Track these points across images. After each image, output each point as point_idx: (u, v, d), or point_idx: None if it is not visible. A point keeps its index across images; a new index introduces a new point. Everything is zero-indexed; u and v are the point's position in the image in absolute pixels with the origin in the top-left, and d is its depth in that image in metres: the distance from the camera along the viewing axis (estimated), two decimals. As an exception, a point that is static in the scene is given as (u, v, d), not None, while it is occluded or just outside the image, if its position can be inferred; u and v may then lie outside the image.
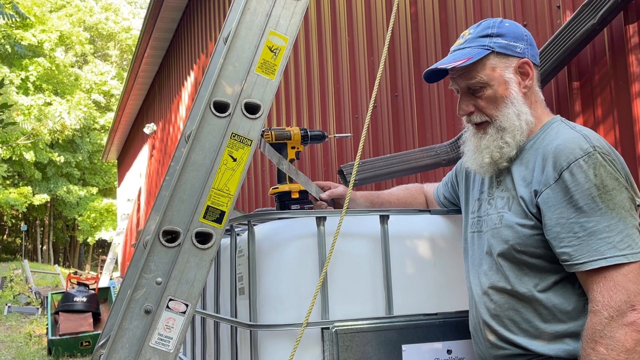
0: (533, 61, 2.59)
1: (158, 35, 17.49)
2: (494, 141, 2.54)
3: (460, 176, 3.05)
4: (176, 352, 2.41)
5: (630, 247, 2.18)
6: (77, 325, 13.20)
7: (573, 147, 2.29)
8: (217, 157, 2.46)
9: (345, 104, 7.05)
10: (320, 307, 2.86)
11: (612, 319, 2.11)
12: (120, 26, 49.83)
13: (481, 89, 2.55)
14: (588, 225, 2.21)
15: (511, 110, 2.52)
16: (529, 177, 2.44)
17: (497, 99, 2.54)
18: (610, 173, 2.24)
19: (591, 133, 2.37)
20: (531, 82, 2.58)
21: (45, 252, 50.97)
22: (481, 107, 2.57)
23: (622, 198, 2.23)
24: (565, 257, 2.27)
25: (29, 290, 23.56)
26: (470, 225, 2.78)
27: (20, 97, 35.26)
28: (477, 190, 2.80)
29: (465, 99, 2.62)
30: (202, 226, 2.44)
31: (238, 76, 2.53)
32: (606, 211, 2.20)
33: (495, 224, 2.55)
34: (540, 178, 2.36)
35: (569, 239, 2.24)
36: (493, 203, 2.61)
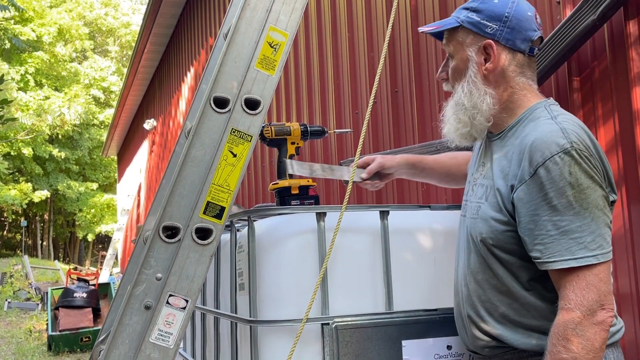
0: (507, 44, 2.46)
1: (158, 30, 17.49)
2: (453, 114, 2.55)
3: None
4: (176, 348, 2.41)
5: (601, 247, 2.17)
6: (77, 321, 13.21)
7: (549, 142, 2.22)
8: (217, 152, 2.46)
9: (345, 99, 7.05)
10: (320, 303, 2.86)
11: (584, 318, 2.12)
12: (119, 22, 49.80)
13: (450, 59, 2.58)
14: (561, 224, 2.19)
15: (463, 88, 2.50)
16: (506, 168, 2.38)
17: (458, 73, 2.54)
18: (586, 171, 2.19)
19: (571, 125, 2.29)
20: (493, 66, 2.47)
21: (45, 248, 51.00)
22: (449, 76, 2.60)
23: (596, 196, 2.19)
24: (537, 255, 2.25)
25: (29, 286, 23.59)
26: (462, 208, 2.73)
27: (19, 94, 35.23)
28: (470, 170, 2.76)
29: (444, 64, 2.65)
30: (202, 222, 2.44)
31: (238, 72, 2.52)
32: (579, 210, 2.18)
33: (473, 214, 2.52)
34: (516, 172, 2.31)
35: (541, 237, 2.22)
36: (475, 190, 2.57)
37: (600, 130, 3.67)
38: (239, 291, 3.16)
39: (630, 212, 3.50)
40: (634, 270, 3.46)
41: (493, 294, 2.44)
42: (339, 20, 7.30)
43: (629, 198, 3.50)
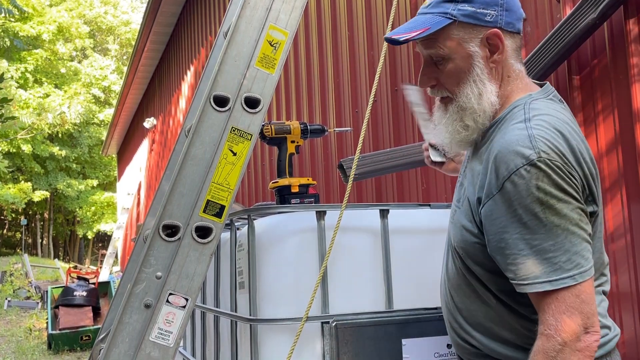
0: (509, 29, 2.24)
1: (158, 29, 17.48)
2: (453, 122, 2.28)
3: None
4: (176, 347, 2.41)
5: (579, 265, 1.95)
6: (77, 320, 13.21)
7: (515, 153, 1.99)
8: (217, 151, 2.46)
9: (345, 98, 7.05)
10: (320, 301, 2.86)
11: (565, 345, 1.91)
12: (119, 20, 49.79)
13: (442, 62, 2.25)
14: (533, 243, 1.97)
15: (472, 90, 2.23)
16: (476, 176, 2.18)
17: (459, 75, 2.24)
18: (556, 183, 1.96)
19: (543, 130, 2.03)
20: (501, 56, 2.24)
21: (45, 247, 50.99)
22: (442, 81, 2.28)
23: (568, 211, 1.97)
24: (511, 276, 2.04)
25: (28, 284, 23.59)
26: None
27: (19, 91, 35.21)
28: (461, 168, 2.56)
29: (428, 69, 2.32)
30: (202, 220, 2.44)
31: (238, 70, 2.53)
32: (551, 227, 1.96)
33: (451, 217, 2.36)
34: (484, 183, 2.10)
35: (513, 256, 2.00)
36: (456, 191, 2.40)
37: (600, 128, 3.67)
38: (239, 290, 3.16)
39: (630, 211, 3.50)
40: (634, 269, 3.46)
41: (468, 302, 2.29)
42: (339, 18, 7.30)
43: (629, 197, 3.51)
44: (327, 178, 7.37)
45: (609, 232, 3.61)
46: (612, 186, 3.60)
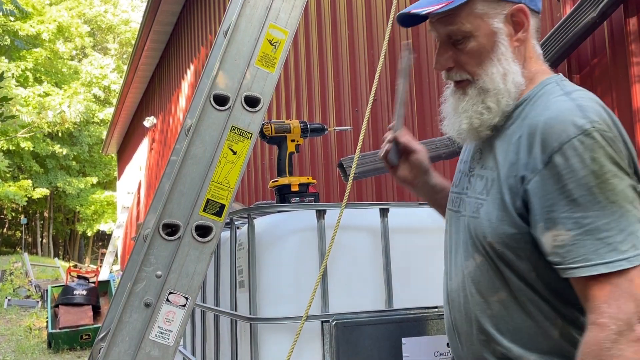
0: (532, 7, 2.09)
1: (158, 28, 17.47)
2: (473, 105, 2.08)
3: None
4: (176, 346, 2.41)
5: (635, 247, 1.75)
6: (77, 319, 13.20)
7: (565, 123, 1.83)
8: (217, 150, 2.46)
9: (345, 97, 7.05)
10: (320, 300, 2.86)
11: (621, 334, 1.70)
12: (119, 19, 49.78)
13: (463, 40, 2.07)
14: (584, 222, 1.77)
15: (497, 69, 2.05)
16: (513, 156, 1.97)
17: (482, 54, 2.06)
18: (611, 156, 1.79)
19: (589, 102, 1.90)
20: (526, 34, 2.08)
21: (45, 245, 50.98)
22: (462, 62, 2.10)
23: (624, 187, 1.79)
24: (557, 260, 1.83)
25: (28, 283, 23.57)
26: (450, 201, 2.30)
27: (19, 89, 35.19)
28: (462, 157, 2.34)
29: (445, 50, 2.13)
30: (202, 219, 2.44)
31: (238, 69, 2.52)
32: (606, 204, 1.76)
33: (473, 212, 2.09)
34: (526, 160, 1.91)
35: (560, 238, 1.81)
36: (472, 182, 2.15)
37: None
38: (239, 289, 3.16)
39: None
40: (633, 268, 3.46)
41: (501, 308, 2.01)
42: (339, 18, 7.30)
43: (629, 195, 3.50)
44: (327, 177, 7.37)
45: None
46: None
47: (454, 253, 2.19)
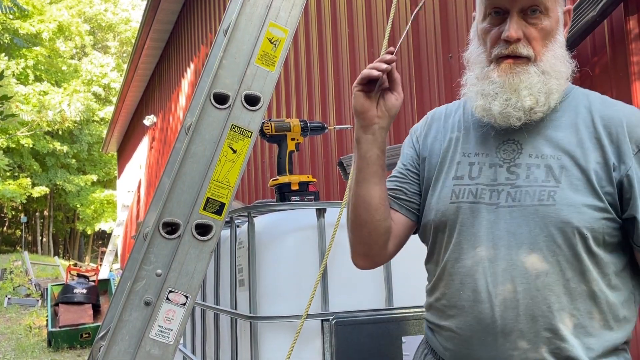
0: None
1: (158, 27, 17.47)
2: (538, 82, 2.05)
3: (420, 141, 2.37)
4: (176, 344, 2.41)
5: None
6: (77, 317, 13.21)
7: None
8: (217, 149, 2.46)
9: (345, 95, 7.05)
10: (320, 299, 2.86)
11: None
12: (119, 18, 49.77)
13: (540, 16, 2.06)
14: None
15: (557, 53, 2.09)
16: (588, 144, 2.02)
17: (549, 35, 2.08)
18: None
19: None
20: (565, 34, 2.17)
21: (45, 244, 51.01)
22: (531, 37, 2.07)
23: None
24: None
25: (28, 282, 23.57)
26: (466, 193, 2.15)
27: (18, 87, 35.18)
28: (456, 150, 2.23)
29: (517, 22, 2.06)
30: (202, 218, 2.44)
31: (238, 68, 2.52)
32: None
33: (539, 201, 2.01)
34: (612, 149, 1.99)
35: None
36: (519, 172, 2.07)
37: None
38: (239, 287, 3.16)
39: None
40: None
41: (570, 301, 1.97)
42: (339, 16, 7.30)
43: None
44: (327, 175, 7.37)
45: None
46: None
47: (490, 248, 2.05)
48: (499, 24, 2.08)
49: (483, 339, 2.01)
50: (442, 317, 2.14)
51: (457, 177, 2.16)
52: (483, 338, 2.01)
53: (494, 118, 2.08)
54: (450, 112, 2.34)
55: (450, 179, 2.18)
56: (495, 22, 2.09)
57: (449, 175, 2.19)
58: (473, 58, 2.18)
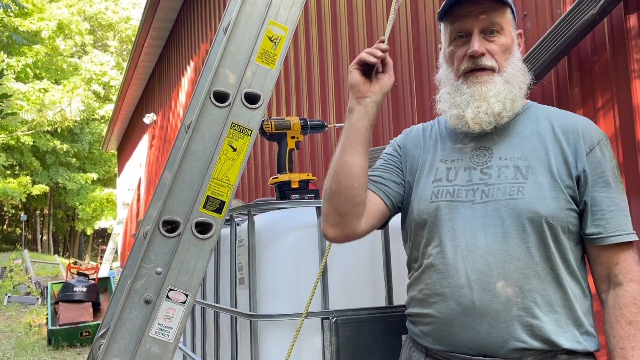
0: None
1: (158, 25, 17.46)
2: (504, 90, 2.35)
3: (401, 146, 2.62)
4: (176, 342, 2.41)
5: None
6: (77, 315, 13.21)
7: (595, 128, 2.37)
8: (217, 147, 2.46)
9: (345, 93, 7.04)
10: (320, 297, 2.86)
11: None
12: (119, 16, 49.75)
13: (497, 34, 2.37)
14: (616, 201, 2.28)
15: (519, 65, 2.42)
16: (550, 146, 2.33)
17: (508, 50, 2.40)
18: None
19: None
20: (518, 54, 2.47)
21: (45, 242, 51.02)
22: (493, 51, 2.37)
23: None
24: (597, 230, 2.26)
25: (28, 280, 23.58)
26: (444, 193, 2.36)
27: (17, 84, 35.17)
28: (435, 157, 2.48)
29: (479, 39, 2.37)
30: (202, 216, 2.44)
31: (238, 66, 2.52)
32: (623, 191, 2.32)
33: (509, 196, 2.26)
34: (569, 150, 2.31)
35: (602, 213, 2.26)
36: (490, 172, 2.33)
37: (600, 124, 3.67)
38: (239, 285, 3.16)
39: (630, 205, 3.50)
40: (633, 265, 3.46)
41: (539, 282, 2.21)
42: (338, 14, 7.29)
43: (629, 191, 3.50)
44: (327, 174, 7.36)
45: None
46: (612, 182, 3.60)
47: (468, 238, 2.28)
48: (463, 44, 2.40)
49: (463, 320, 2.22)
50: (424, 306, 2.34)
51: (436, 179, 2.42)
52: (463, 320, 2.22)
53: (467, 124, 2.36)
54: (427, 127, 2.63)
55: (430, 182, 2.43)
56: (459, 44, 2.41)
57: (429, 178, 2.44)
58: (443, 78, 2.49)
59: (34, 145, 38.19)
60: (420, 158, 2.52)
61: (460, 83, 2.41)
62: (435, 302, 2.30)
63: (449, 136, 2.50)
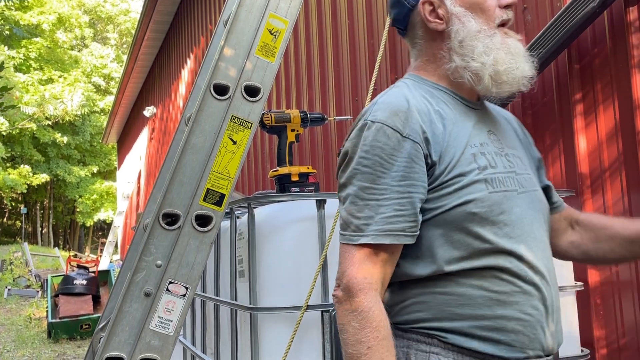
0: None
1: (158, 18, 17.44)
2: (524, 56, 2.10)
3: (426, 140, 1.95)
4: (176, 335, 2.41)
5: None
6: (77, 308, 13.21)
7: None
8: (217, 140, 2.46)
9: (345, 86, 7.04)
10: (320, 290, 2.86)
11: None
12: (118, 9, 49.69)
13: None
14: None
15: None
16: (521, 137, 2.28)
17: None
18: None
19: None
20: None
21: (45, 235, 51.01)
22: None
23: None
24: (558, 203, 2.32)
25: (28, 273, 23.58)
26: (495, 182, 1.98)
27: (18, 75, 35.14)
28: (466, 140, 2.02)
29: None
30: (202, 209, 2.44)
31: (238, 59, 2.52)
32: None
33: (534, 187, 2.11)
34: (525, 141, 2.28)
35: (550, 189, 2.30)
36: (512, 161, 2.08)
37: (600, 117, 3.67)
38: (239, 278, 3.16)
39: (630, 199, 3.50)
40: (633, 258, 3.46)
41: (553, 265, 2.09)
42: (338, 7, 7.28)
43: (629, 185, 3.50)
44: (327, 167, 7.36)
45: (608, 220, 3.62)
46: (612, 174, 3.60)
47: (527, 231, 2.00)
48: None
49: (541, 322, 1.96)
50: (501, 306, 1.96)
51: (485, 167, 1.98)
52: (541, 322, 1.97)
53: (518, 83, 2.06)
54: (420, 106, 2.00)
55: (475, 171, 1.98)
56: None
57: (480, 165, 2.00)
58: (472, 30, 2.05)
59: (35, 137, 38.20)
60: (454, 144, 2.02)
61: (494, 37, 2.07)
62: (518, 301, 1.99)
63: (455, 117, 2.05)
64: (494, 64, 2.01)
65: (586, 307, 3.66)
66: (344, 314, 1.86)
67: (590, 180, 3.73)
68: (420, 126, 1.93)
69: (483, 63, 2.01)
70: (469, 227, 1.91)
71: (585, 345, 3.48)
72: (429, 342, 1.91)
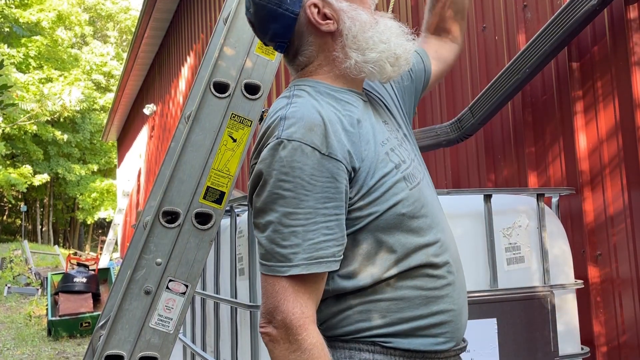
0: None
1: (158, 15, 17.42)
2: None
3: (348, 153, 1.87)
4: (176, 333, 2.41)
5: None
6: (77, 306, 13.20)
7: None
8: (217, 137, 2.45)
9: (345, 84, 7.04)
10: (320, 288, 2.86)
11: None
12: (118, 7, 49.68)
13: None
14: None
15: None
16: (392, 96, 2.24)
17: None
18: None
19: None
20: None
21: (45, 233, 50.99)
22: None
23: None
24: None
25: (28, 271, 23.57)
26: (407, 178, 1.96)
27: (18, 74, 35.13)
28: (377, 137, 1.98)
29: None
30: (202, 207, 2.44)
31: (238, 57, 2.52)
32: None
33: (423, 164, 2.11)
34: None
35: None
36: (407, 146, 2.08)
37: (600, 114, 3.66)
38: (239, 276, 3.16)
39: (630, 197, 3.50)
40: (634, 254, 3.46)
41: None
42: (338, 5, 7.28)
43: (629, 183, 3.50)
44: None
45: (608, 216, 3.61)
46: (612, 171, 3.60)
47: (438, 216, 2.04)
48: None
49: (460, 305, 2.01)
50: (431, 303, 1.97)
51: (398, 165, 1.95)
52: (459, 305, 2.01)
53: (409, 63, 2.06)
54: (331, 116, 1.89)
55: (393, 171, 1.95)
56: None
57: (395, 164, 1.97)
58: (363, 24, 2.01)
59: (35, 135, 38.21)
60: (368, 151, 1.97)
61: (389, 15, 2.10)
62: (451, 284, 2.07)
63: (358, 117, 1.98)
64: (392, 49, 1.99)
65: (586, 305, 3.66)
66: (283, 354, 1.79)
67: (590, 177, 3.73)
68: (340, 140, 1.84)
69: (382, 51, 1.98)
70: (402, 228, 1.89)
71: (585, 343, 3.48)
72: (372, 350, 1.88)
